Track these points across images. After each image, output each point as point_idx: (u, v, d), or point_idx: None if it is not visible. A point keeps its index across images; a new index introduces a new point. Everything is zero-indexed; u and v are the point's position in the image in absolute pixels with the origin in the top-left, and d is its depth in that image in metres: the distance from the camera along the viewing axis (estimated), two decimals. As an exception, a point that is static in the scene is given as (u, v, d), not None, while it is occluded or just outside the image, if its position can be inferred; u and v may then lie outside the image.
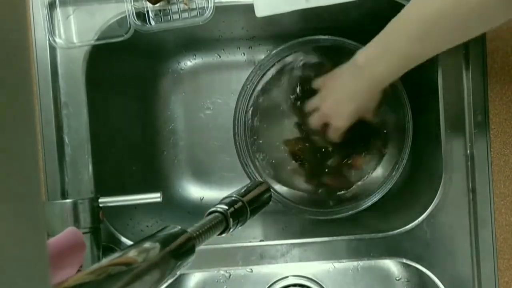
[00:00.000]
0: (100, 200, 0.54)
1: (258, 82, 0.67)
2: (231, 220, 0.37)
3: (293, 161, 0.68)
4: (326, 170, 0.68)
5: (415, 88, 0.64)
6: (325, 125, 0.61)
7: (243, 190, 0.42)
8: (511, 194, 0.58)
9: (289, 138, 0.68)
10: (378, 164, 0.68)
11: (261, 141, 0.68)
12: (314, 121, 0.62)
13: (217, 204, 0.38)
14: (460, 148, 0.59)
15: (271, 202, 0.46)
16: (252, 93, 0.67)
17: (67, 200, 0.53)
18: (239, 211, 0.38)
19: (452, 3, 0.42)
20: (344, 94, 0.57)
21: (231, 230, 0.38)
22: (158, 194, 0.53)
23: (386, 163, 0.68)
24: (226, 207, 0.38)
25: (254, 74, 0.66)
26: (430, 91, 0.61)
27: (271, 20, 0.66)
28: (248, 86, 0.66)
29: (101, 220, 0.55)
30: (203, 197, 0.75)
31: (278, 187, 0.68)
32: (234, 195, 0.40)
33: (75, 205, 0.52)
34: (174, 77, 0.74)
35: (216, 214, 0.37)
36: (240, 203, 0.39)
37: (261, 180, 0.65)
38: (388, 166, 0.67)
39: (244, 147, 0.67)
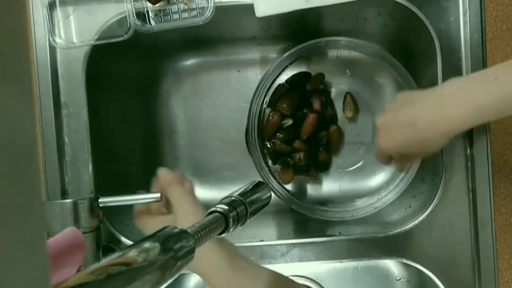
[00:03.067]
0: (100, 200, 0.54)
1: (274, 80, 0.68)
2: (231, 220, 0.37)
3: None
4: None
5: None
6: None
7: (243, 190, 0.42)
8: (511, 194, 0.58)
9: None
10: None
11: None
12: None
13: (217, 204, 0.38)
14: (460, 148, 0.59)
15: (278, 201, 0.46)
16: (268, 90, 0.68)
17: (67, 200, 0.53)
18: (239, 211, 0.38)
19: None
20: (411, 113, 0.48)
21: (231, 230, 0.38)
22: (158, 194, 0.53)
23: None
24: (226, 207, 0.37)
25: (269, 73, 0.67)
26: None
27: (271, 20, 0.66)
28: (264, 84, 0.67)
29: (101, 220, 0.55)
30: (203, 197, 0.75)
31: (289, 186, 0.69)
32: (234, 195, 0.40)
33: (75, 205, 0.52)
34: (174, 77, 0.74)
35: (216, 214, 0.37)
36: (240, 203, 0.39)
37: (261, 180, 0.65)
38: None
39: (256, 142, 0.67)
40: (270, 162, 0.71)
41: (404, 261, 0.60)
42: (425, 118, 0.46)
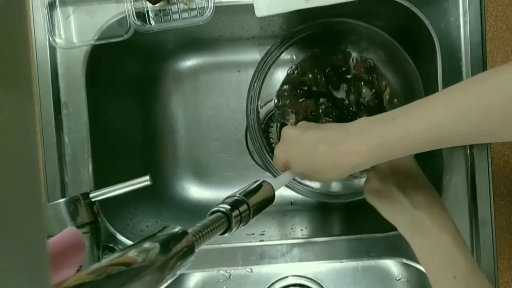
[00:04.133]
0: (91, 195, 0.54)
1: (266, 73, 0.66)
2: (233, 220, 0.37)
3: None
4: None
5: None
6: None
7: (246, 190, 0.41)
8: (511, 194, 0.58)
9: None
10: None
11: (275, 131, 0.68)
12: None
13: (220, 203, 0.38)
14: (460, 148, 0.59)
15: (277, 201, 0.46)
16: (262, 82, 0.66)
17: (60, 201, 0.53)
18: (241, 211, 0.38)
19: None
20: (314, 137, 0.46)
21: (233, 230, 0.37)
22: (147, 177, 0.52)
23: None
24: (229, 207, 0.37)
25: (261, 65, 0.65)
26: (431, 90, 0.61)
27: (271, 20, 0.66)
28: (256, 80, 0.65)
29: (97, 214, 0.55)
30: (203, 197, 0.75)
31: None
32: (237, 195, 0.40)
33: (68, 204, 0.52)
34: (174, 77, 0.74)
35: (219, 214, 0.36)
36: (243, 203, 0.39)
37: (264, 179, 0.65)
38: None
39: (260, 140, 0.65)
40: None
41: (404, 261, 0.60)
42: (325, 150, 0.45)
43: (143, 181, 0.52)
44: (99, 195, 0.54)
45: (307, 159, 0.46)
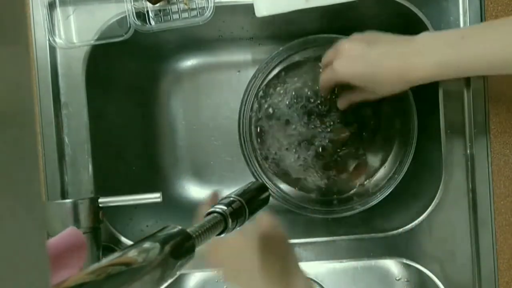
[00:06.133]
0: (100, 200, 0.54)
1: (265, 78, 0.67)
2: (230, 220, 0.37)
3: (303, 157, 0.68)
4: (334, 162, 0.68)
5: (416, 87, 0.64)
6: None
7: (241, 191, 0.42)
8: (511, 194, 0.58)
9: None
10: (382, 165, 0.68)
11: (267, 139, 0.68)
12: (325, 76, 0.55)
13: (216, 204, 0.39)
14: (460, 148, 0.59)
15: (273, 201, 0.46)
16: (258, 88, 0.67)
17: (67, 200, 0.53)
18: (237, 211, 0.39)
19: None
20: (382, 52, 0.49)
21: (230, 230, 0.38)
22: (158, 194, 0.53)
23: (390, 164, 0.68)
24: (225, 208, 0.38)
25: (260, 71, 0.66)
26: (430, 92, 0.61)
27: (271, 20, 0.66)
28: (254, 82, 0.66)
29: (101, 220, 0.55)
30: (203, 197, 0.75)
31: (283, 186, 0.68)
32: (233, 196, 0.41)
33: (75, 205, 0.52)
34: (174, 77, 0.74)
35: (215, 214, 0.37)
36: (238, 203, 0.40)
37: (259, 180, 0.65)
38: (391, 167, 0.67)
39: (249, 144, 0.66)
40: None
41: (404, 261, 0.60)
42: (390, 61, 0.48)
43: (154, 197, 0.54)
44: (108, 202, 0.54)
45: (371, 69, 0.49)
